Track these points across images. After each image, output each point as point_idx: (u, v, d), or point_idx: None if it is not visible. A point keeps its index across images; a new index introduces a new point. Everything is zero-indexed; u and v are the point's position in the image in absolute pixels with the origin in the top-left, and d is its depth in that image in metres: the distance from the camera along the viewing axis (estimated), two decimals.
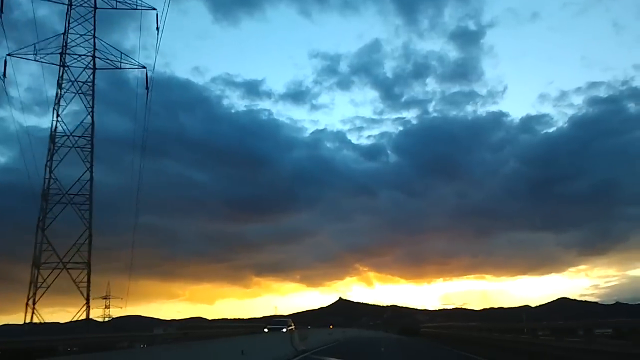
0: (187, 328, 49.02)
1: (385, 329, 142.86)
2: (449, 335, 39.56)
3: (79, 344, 25.17)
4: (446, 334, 41.15)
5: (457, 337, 35.12)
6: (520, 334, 20.13)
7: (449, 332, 41.96)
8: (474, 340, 28.87)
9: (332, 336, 43.03)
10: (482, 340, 26.27)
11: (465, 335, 34.43)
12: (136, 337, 31.02)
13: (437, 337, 43.80)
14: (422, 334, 59.70)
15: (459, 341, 31.87)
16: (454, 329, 43.44)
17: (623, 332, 13.64)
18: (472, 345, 26.39)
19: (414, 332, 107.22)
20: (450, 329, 44.55)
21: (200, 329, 52.28)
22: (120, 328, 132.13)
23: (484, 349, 22.05)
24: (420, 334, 63.72)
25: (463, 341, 30.97)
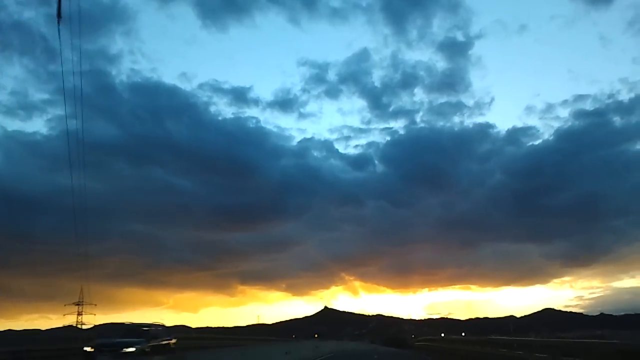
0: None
1: (371, 339, 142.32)
2: (452, 351, 31.94)
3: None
4: (451, 350, 33.57)
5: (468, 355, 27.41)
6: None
7: (454, 347, 33.60)
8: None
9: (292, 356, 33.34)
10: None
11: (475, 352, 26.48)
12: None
13: (434, 353, 38.27)
14: (417, 348, 53.61)
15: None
16: (459, 343, 34.29)
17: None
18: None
19: (401, 343, 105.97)
20: (455, 343, 36.31)
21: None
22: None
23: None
24: (412, 346, 59.37)
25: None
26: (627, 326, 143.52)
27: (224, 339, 45.12)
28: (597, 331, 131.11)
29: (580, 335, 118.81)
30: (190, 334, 43.63)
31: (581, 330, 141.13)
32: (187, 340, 34.27)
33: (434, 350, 40.74)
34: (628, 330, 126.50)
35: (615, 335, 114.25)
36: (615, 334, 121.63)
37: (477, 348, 25.09)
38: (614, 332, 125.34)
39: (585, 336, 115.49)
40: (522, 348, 15.45)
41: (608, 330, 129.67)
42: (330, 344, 58.80)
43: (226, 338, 47.50)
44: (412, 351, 54.13)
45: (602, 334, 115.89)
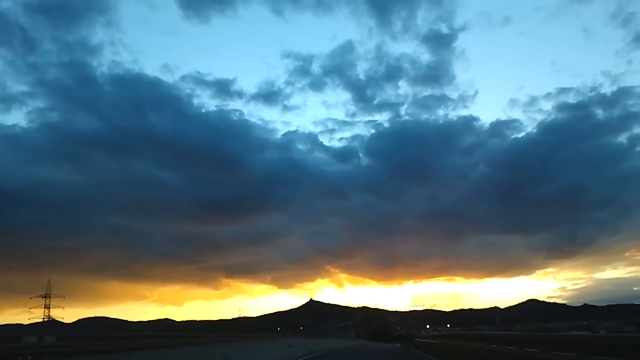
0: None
1: (357, 332, 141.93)
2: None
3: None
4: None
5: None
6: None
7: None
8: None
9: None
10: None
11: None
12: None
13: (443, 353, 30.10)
14: (418, 345, 46.81)
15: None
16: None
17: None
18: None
19: (387, 336, 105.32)
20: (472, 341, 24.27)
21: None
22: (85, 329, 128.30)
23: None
24: (413, 343, 54.73)
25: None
26: (610, 317, 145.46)
27: (187, 337, 42.01)
28: (582, 322, 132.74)
29: (566, 326, 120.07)
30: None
31: (567, 321, 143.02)
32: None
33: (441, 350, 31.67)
34: (612, 320, 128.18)
35: (600, 326, 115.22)
36: (600, 324, 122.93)
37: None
38: (598, 322, 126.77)
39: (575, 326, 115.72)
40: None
41: (593, 321, 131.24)
42: (309, 341, 53.70)
43: (186, 336, 43.73)
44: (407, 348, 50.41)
45: (588, 325, 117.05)
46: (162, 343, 31.02)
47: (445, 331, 70.70)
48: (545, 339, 10.77)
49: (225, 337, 42.68)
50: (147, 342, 33.25)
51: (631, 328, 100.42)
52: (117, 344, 27.83)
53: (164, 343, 29.05)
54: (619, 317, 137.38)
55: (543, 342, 10.50)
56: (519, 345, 12.33)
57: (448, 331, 65.15)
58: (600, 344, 9.00)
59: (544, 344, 10.44)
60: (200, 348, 23.12)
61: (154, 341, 35.81)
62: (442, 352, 30.59)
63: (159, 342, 36.11)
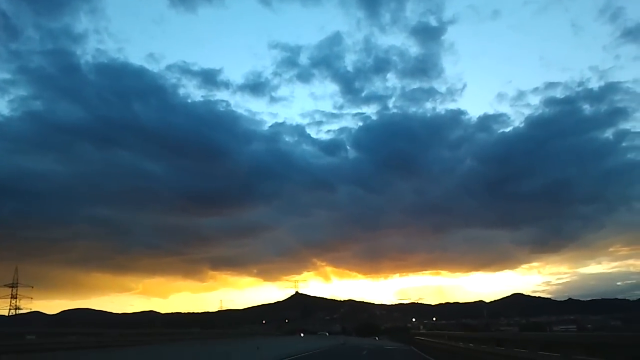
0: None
1: (342, 325, 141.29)
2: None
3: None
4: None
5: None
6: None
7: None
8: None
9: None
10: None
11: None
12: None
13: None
14: (422, 347, 39.22)
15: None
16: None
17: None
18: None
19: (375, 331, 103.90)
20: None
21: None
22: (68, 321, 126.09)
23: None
24: (412, 340, 47.91)
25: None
26: (594, 311, 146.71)
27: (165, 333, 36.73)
28: (569, 316, 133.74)
29: (553, 320, 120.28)
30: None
31: (553, 315, 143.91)
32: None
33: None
34: (598, 315, 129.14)
35: (586, 320, 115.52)
36: (587, 318, 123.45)
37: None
38: (585, 317, 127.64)
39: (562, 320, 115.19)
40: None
41: (579, 316, 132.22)
42: (287, 342, 43.06)
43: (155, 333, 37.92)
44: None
45: (575, 319, 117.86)
46: (107, 342, 24.33)
47: (441, 330, 61.66)
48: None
49: (189, 334, 34.84)
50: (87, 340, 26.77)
51: (617, 323, 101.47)
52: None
53: (108, 342, 23.17)
54: (604, 311, 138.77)
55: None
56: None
57: (442, 331, 50.94)
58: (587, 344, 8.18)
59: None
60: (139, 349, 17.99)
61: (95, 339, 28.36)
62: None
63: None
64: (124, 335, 28.87)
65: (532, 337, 14.87)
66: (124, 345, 21.53)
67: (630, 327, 68.84)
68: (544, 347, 11.78)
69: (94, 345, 20.95)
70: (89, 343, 21.79)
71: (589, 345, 9.07)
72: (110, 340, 24.71)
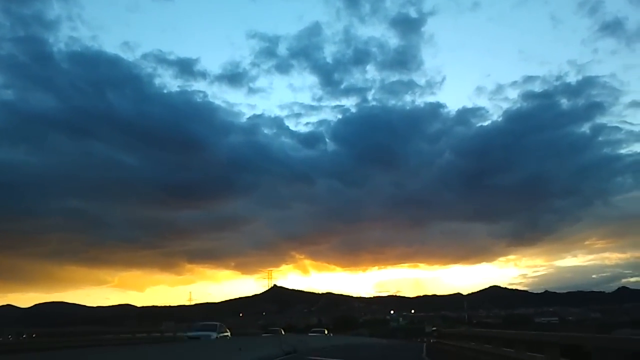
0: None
1: (319, 318, 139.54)
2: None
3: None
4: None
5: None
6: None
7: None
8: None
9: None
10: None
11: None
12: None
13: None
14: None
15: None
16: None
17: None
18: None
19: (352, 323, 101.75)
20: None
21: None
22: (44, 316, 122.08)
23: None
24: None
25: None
26: (571, 303, 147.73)
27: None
28: (547, 308, 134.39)
29: (531, 312, 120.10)
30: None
31: (531, 307, 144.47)
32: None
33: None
34: (577, 307, 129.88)
35: (566, 312, 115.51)
36: (566, 310, 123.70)
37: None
38: (563, 309, 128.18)
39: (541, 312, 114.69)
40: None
41: (558, 307, 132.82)
42: (259, 342, 29.84)
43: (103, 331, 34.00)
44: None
45: (554, 311, 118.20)
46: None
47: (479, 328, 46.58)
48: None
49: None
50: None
51: (597, 315, 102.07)
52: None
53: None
54: (581, 304, 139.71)
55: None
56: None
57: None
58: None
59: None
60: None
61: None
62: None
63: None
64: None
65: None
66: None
67: (610, 319, 68.47)
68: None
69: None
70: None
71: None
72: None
